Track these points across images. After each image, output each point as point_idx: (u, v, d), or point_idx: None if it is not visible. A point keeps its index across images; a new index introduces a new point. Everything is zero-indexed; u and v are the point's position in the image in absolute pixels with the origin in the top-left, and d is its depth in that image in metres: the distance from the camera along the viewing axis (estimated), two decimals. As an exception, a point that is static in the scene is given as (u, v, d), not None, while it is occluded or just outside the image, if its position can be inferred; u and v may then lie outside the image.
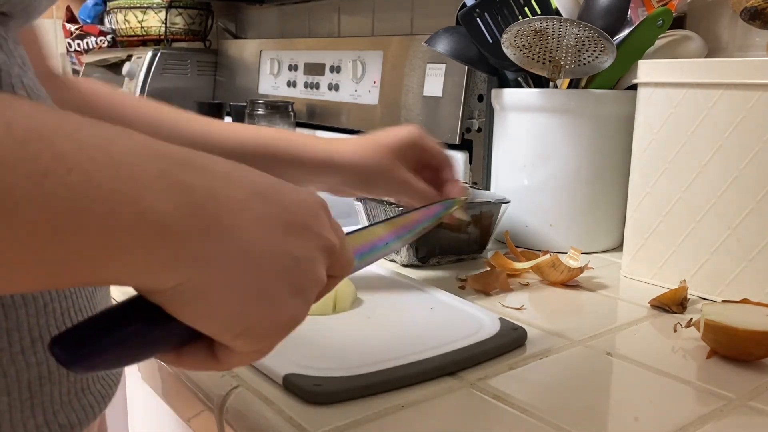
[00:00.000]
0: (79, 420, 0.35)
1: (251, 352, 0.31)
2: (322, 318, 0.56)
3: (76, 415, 0.35)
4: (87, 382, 0.36)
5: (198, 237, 0.26)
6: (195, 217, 0.26)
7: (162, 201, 0.25)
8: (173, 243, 0.25)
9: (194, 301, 0.27)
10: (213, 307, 0.27)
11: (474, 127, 1.05)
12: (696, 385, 0.48)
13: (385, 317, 0.57)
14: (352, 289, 0.61)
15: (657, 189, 0.69)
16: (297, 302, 0.30)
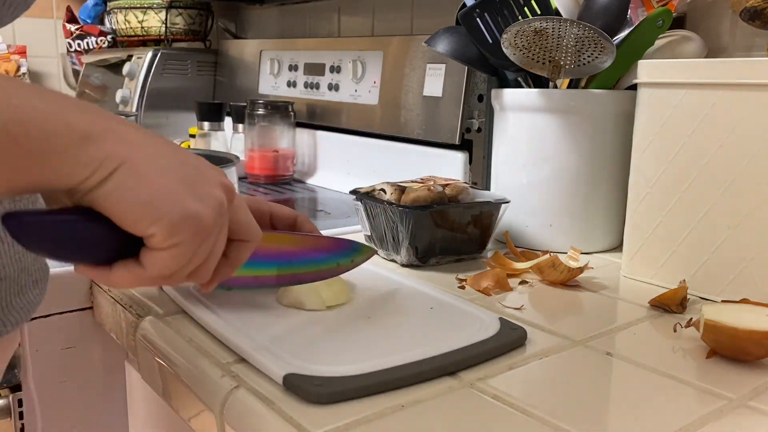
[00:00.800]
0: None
1: (169, 248, 0.36)
2: (322, 318, 0.56)
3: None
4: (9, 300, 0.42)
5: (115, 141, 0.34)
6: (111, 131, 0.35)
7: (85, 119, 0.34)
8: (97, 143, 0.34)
9: (115, 193, 0.34)
10: (131, 197, 0.34)
11: (474, 127, 1.05)
12: (696, 385, 0.48)
13: (385, 317, 0.57)
14: (342, 284, 0.61)
15: (657, 189, 0.69)
16: (198, 205, 0.37)
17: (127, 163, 0.34)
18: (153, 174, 0.35)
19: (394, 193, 0.74)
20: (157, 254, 0.37)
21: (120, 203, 0.34)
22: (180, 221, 0.36)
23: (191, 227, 0.36)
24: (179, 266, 0.38)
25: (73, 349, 0.72)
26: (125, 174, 0.34)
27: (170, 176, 0.36)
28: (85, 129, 0.33)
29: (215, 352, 0.52)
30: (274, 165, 1.34)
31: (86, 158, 0.33)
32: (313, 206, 1.18)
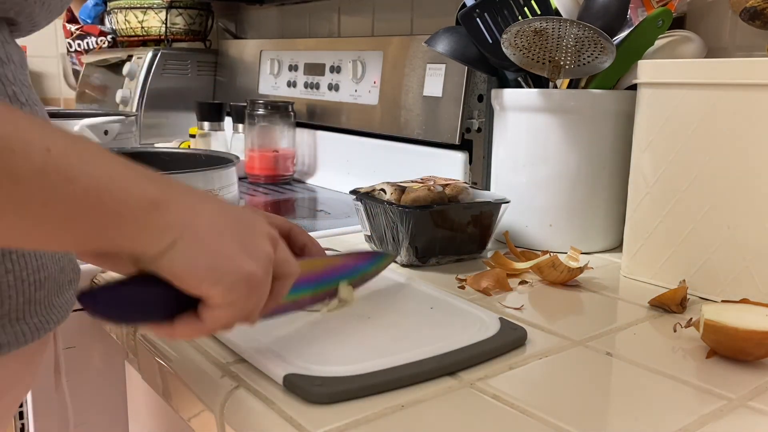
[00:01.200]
0: (8, 342, 0.43)
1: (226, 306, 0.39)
2: (322, 318, 0.56)
3: (6, 337, 0.43)
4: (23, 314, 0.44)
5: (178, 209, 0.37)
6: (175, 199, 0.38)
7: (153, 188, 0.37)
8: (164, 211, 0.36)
9: (180, 259, 0.37)
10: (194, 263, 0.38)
11: (474, 127, 1.05)
12: (696, 385, 0.48)
13: (385, 317, 0.57)
14: (348, 289, 0.60)
15: (657, 189, 0.69)
16: (251, 262, 0.40)
17: (190, 230, 0.37)
18: (212, 239, 0.38)
19: (394, 193, 0.74)
20: (216, 311, 0.40)
21: (183, 269, 0.37)
22: (236, 282, 0.39)
23: (246, 286, 0.40)
24: (235, 320, 0.41)
25: (73, 349, 0.72)
26: (189, 241, 0.37)
27: (226, 239, 0.39)
28: (154, 197, 0.36)
29: (215, 352, 0.52)
30: (274, 165, 1.34)
31: (154, 226, 0.36)
32: (313, 206, 1.18)
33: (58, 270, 0.48)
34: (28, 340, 0.45)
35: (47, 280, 0.46)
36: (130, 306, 0.39)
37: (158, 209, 0.36)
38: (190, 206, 0.38)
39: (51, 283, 0.47)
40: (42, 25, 0.49)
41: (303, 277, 0.53)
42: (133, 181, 0.36)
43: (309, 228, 0.94)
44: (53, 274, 0.47)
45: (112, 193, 0.35)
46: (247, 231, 0.41)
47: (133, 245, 0.36)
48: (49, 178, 0.32)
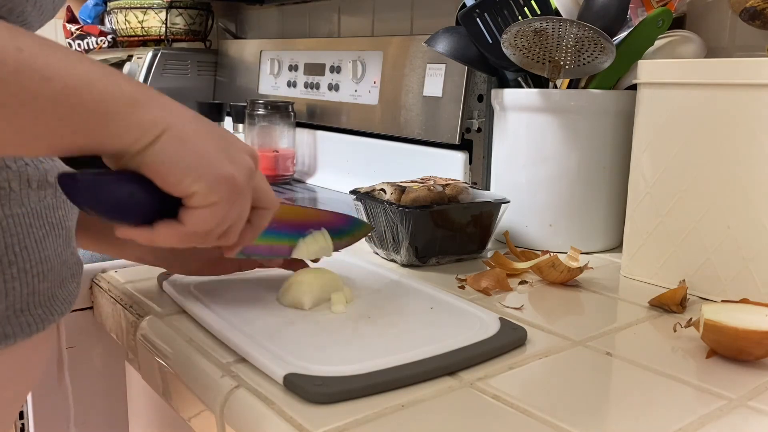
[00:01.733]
0: (14, 332, 0.44)
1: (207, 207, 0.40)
2: (322, 318, 0.56)
3: (12, 328, 0.44)
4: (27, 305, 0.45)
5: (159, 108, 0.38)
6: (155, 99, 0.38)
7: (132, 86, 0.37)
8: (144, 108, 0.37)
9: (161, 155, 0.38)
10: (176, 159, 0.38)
11: (474, 127, 1.05)
12: (696, 385, 0.48)
13: (385, 317, 0.57)
14: (347, 290, 0.61)
15: (657, 189, 0.69)
16: (233, 168, 0.41)
17: (172, 129, 0.38)
18: (194, 139, 0.39)
19: (394, 193, 0.74)
20: (196, 212, 0.40)
21: (165, 165, 0.38)
22: (218, 181, 0.40)
23: (227, 187, 0.40)
24: (215, 223, 0.41)
25: (74, 349, 0.72)
26: (170, 138, 0.38)
27: (208, 142, 0.40)
28: (134, 95, 0.37)
29: (215, 352, 0.52)
30: (275, 165, 1.34)
31: (136, 121, 0.37)
32: (313, 206, 1.18)
33: (60, 263, 0.48)
34: (33, 331, 0.46)
35: (50, 272, 0.47)
36: (111, 198, 0.39)
37: (141, 106, 0.37)
38: (170, 107, 0.39)
39: (54, 275, 0.47)
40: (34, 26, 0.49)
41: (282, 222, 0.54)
42: (111, 80, 0.36)
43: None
44: (56, 266, 0.48)
45: (92, 91, 0.35)
46: (229, 142, 0.42)
47: (116, 141, 0.37)
48: (25, 77, 0.32)
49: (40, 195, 0.46)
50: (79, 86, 0.35)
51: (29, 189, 0.45)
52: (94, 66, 0.36)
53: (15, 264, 0.44)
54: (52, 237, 0.47)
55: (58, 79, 0.34)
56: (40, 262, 0.46)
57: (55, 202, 0.48)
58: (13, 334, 0.44)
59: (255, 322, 0.55)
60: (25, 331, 0.45)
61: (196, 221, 0.41)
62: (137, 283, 0.66)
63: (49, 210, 0.47)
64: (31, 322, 0.46)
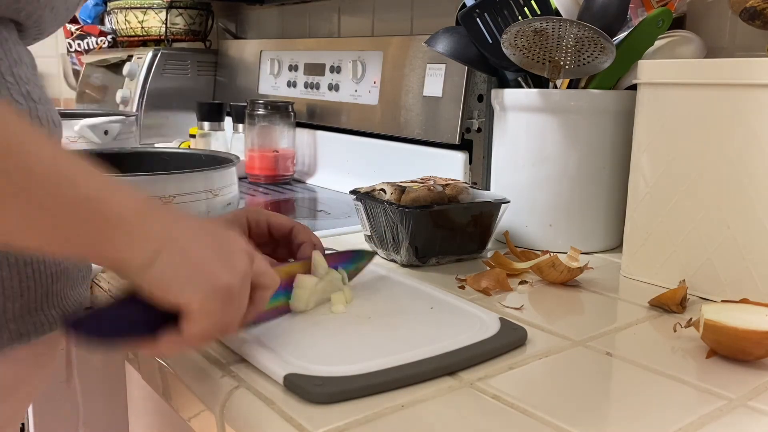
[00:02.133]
0: (28, 331, 0.46)
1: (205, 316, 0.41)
2: (322, 318, 0.56)
3: (26, 327, 0.45)
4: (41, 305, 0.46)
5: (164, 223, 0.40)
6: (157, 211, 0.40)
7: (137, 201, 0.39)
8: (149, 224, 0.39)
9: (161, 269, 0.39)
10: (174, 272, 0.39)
11: (474, 127, 1.05)
12: (696, 385, 0.48)
13: (386, 317, 0.57)
14: (347, 291, 0.61)
15: (657, 189, 0.69)
16: (228, 274, 0.42)
17: (173, 242, 0.39)
18: (193, 252, 0.40)
19: (394, 193, 0.74)
20: (195, 322, 0.41)
21: (165, 278, 0.39)
22: (214, 293, 0.41)
23: (222, 296, 0.41)
24: (214, 329, 0.43)
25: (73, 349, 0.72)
26: (171, 252, 0.39)
27: (206, 252, 0.41)
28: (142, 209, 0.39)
29: (215, 352, 0.52)
30: (274, 165, 1.34)
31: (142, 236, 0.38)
32: (313, 206, 1.18)
33: (72, 265, 0.50)
34: (47, 331, 0.47)
35: (63, 274, 0.48)
36: (114, 327, 0.41)
37: (145, 220, 0.39)
38: (173, 220, 0.41)
39: (66, 276, 0.49)
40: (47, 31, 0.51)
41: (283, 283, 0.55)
42: (124, 193, 0.38)
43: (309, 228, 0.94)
44: (68, 268, 0.49)
45: (109, 202, 0.37)
46: (225, 247, 0.43)
47: (120, 255, 0.38)
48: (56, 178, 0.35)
49: None
50: (99, 196, 0.37)
51: None
52: (107, 177, 0.38)
53: (30, 265, 0.45)
54: None
55: (82, 187, 0.36)
56: (54, 263, 0.47)
57: None
58: (27, 333, 0.46)
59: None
60: (39, 330, 0.46)
61: (194, 330, 0.42)
62: (137, 283, 0.66)
63: None
64: (45, 321, 0.47)
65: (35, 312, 0.46)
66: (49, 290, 0.47)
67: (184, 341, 0.42)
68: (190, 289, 0.40)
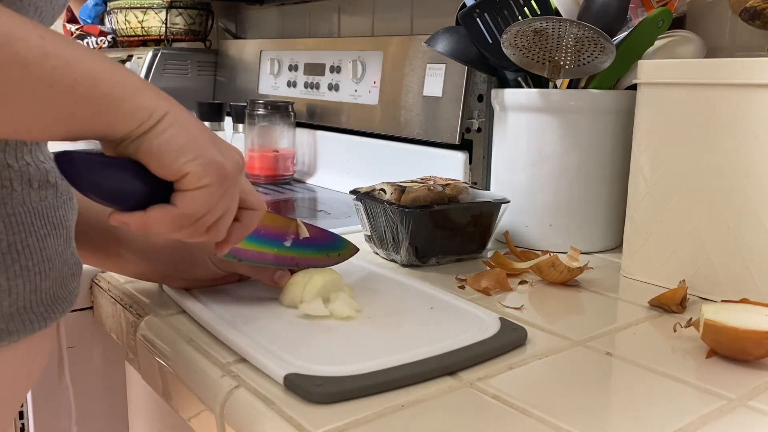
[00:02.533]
0: (17, 330, 0.45)
1: (199, 189, 0.43)
2: (322, 318, 0.56)
3: (15, 326, 0.45)
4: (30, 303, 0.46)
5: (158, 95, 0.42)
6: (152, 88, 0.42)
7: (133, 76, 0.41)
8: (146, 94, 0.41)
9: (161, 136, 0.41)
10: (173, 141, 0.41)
11: (474, 127, 1.05)
12: (696, 385, 0.48)
13: (386, 317, 0.57)
14: (347, 290, 0.61)
15: (657, 189, 0.69)
16: (222, 157, 0.44)
17: (171, 113, 0.41)
18: (191, 126, 0.43)
19: (394, 193, 0.74)
20: (188, 194, 0.43)
21: (162, 147, 0.41)
22: (210, 164, 0.43)
23: (218, 171, 0.43)
24: (207, 207, 0.44)
25: (73, 349, 0.72)
26: (170, 121, 0.41)
27: (202, 131, 0.44)
28: (138, 83, 0.41)
29: (215, 352, 0.52)
30: (274, 165, 1.34)
31: (142, 105, 0.40)
32: (313, 206, 1.18)
33: (61, 262, 0.49)
34: (35, 329, 0.46)
35: (52, 271, 0.48)
36: (105, 180, 0.42)
37: (145, 93, 0.41)
38: (166, 96, 0.43)
39: (55, 273, 0.48)
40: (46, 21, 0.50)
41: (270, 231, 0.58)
42: (119, 70, 0.40)
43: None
44: (57, 265, 0.48)
45: (105, 77, 0.38)
46: (219, 138, 0.46)
47: (124, 124, 0.40)
48: (51, 61, 0.36)
49: (42, 195, 0.47)
50: (94, 72, 0.38)
51: (30, 189, 0.46)
52: (102, 56, 0.40)
53: (18, 262, 0.45)
54: (54, 236, 0.48)
55: (77, 64, 0.37)
56: (42, 260, 0.46)
57: (56, 202, 0.49)
58: (16, 331, 0.45)
59: (255, 322, 0.55)
60: (27, 328, 0.46)
61: (188, 203, 0.43)
62: (137, 283, 0.66)
63: (50, 210, 0.48)
64: (34, 319, 0.46)
65: (24, 310, 0.46)
66: (37, 287, 0.46)
67: (176, 214, 0.43)
68: (187, 155, 0.42)
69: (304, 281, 0.59)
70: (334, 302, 0.57)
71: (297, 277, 0.60)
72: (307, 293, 0.58)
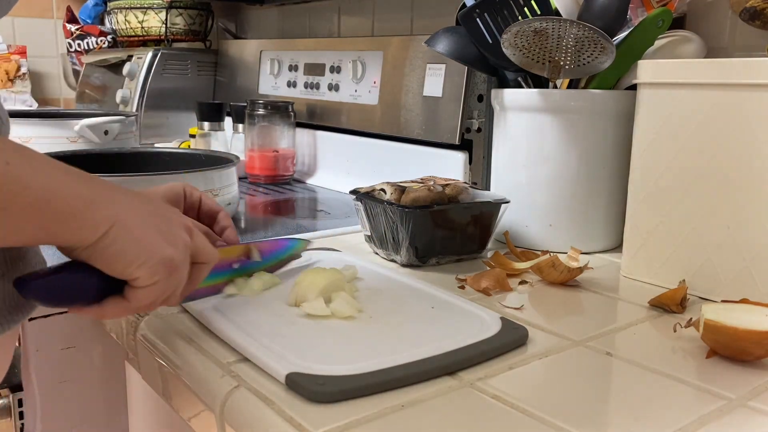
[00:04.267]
0: None
1: (150, 287, 0.45)
2: (323, 317, 0.56)
3: None
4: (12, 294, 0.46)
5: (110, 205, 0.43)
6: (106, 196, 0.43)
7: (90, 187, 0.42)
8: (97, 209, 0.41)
9: (111, 247, 0.42)
10: (123, 250, 0.43)
11: (474, 127, 1.05)
12: (696, 385, 0.48)
13: (386, 317, 0.57)
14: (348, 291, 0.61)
15: (657, 189, 0.69)
16: (171, 248, 0.46)
17: (119, 223, 0.43)
18: (137, 230, 0.44)
19: (394, 193, 0.74)
20: (140, 291, 0.45)
21: (113, 255, 0.43)
22: (158, 265, 0.45)
23: (166, 268, 0.45)
24: (157, 297, 0.47)
25: (73, 349, 0.72)
26: (118, 232, 0.43)
27: (150, 229, 0.45)
28: (90, 197, 0.41)
29: (215, 351, 0.52)
30: (274, 165, 1.34)
31: (91, 221, 0.41)
32: (313, 206, 1.18)
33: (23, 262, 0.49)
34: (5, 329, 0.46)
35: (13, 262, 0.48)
36: (62, 291, 0.44)
37: (93, 207, 0.42)
38: (119, 202, 0.44)
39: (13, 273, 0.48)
40: None
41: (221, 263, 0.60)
42: (73, 185, 0.41)
43: (309, 228, 0.94)
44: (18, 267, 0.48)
45: (58, 197, 0.40)
46: (166, 222, 0.47)
47: (72, 239, 0.41)
48: (9, 187, 0.37)
49: None
50: (51, 192, 0.39)
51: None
52: (60, 170, 0.41)
53: None
54: None
55: (34, 188, 0.38)
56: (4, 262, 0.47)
57: None
58: None
59: (256, 322, 0.55)
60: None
61: (140, 298, 0.46)
62: (137, 283, 0.66)
63: None
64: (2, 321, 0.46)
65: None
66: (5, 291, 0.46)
67: (130, 307, 0.46)
68: (136, 263, 0.43)
69: (307, 281, 0.59)
70: (335, 302, 0.57)
71: (300, 276, 0.60)
72: (310, 293, 0.58)
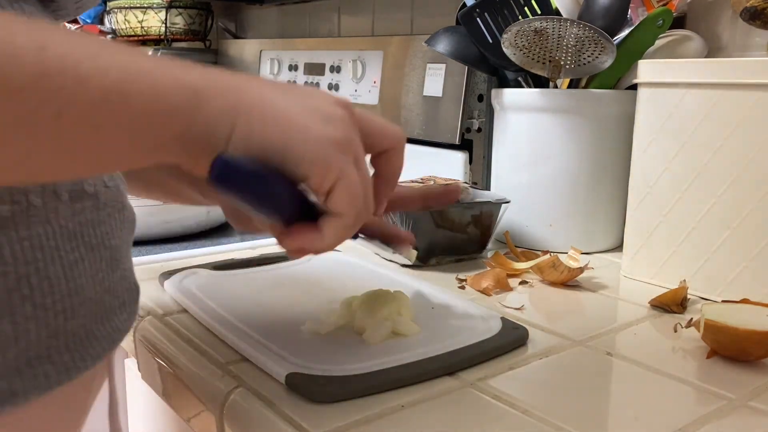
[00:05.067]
0: (24, 389, 0.34)
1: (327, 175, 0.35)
2: (323, 317, 0.56)
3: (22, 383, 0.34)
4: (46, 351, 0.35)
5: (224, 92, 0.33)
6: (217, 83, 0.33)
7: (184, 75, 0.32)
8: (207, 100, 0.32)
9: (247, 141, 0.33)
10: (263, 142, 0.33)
11: (474, 127, 1.05)
12: (696, 385, 0.48)
13: (386, 317, 0.57)
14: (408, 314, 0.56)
15: (657, 189, 0.69)
16: (329, 126, 0.36)
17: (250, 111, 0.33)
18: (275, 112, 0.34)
19: (394, 193, 0.74)
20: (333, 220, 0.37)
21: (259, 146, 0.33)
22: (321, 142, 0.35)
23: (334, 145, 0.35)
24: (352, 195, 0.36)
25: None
26: (247, 121, 0.33)
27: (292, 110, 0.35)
28: (192, 85, 0.31)
29: (215, 351, 0.52)
30: (274, 165, 1.34)
31: (204, 116, 0.32)
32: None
33: (102, 291, 0.39)
34: (53, 384, 0.36)
35: (82, 306, 0.37)
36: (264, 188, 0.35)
37: (201, 97, 0.31)
38: (236, 86, 0.33)
39: (90, 307, 0.38)
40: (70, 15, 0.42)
41: None
42: (162, 72, 0.30)
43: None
44: (94, 296, 0.38)
45: (141, 88, 0.29)
46: (310, 98, 0.36)
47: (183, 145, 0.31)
48: (54, 81, 0.26)
49: (75, 209, 0.37)
50: (124, 83, 0.29)
51: (58, 202, 0.36)
52: (137, 55, 0.30)
53: (29, 299, 0.34)
54: (89, 261, 0.38)
55: (95, 79, 0.28)
56: (68, 294, 0.36)
57: (97, 216, 0.39)
58: (24, 392, 0.34)
59: (256, 322, 0.55)
60: (41, 385, 0.35)
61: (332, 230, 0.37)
62: (137, 283, 0.66)
63: (87, 227, 0.38)
64: (51, 372, 0.36)
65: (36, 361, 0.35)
66: (59, 330, 0.36)
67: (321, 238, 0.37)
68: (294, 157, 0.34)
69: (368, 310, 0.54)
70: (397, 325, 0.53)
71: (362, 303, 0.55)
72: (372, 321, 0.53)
